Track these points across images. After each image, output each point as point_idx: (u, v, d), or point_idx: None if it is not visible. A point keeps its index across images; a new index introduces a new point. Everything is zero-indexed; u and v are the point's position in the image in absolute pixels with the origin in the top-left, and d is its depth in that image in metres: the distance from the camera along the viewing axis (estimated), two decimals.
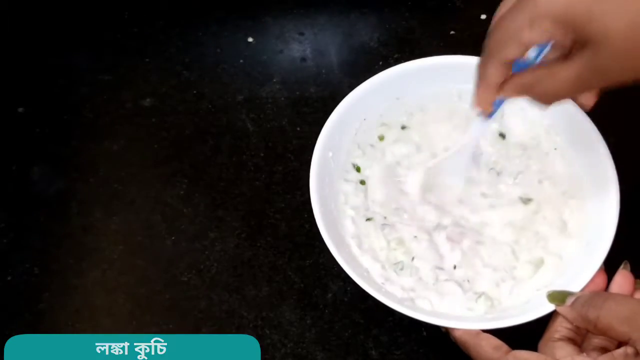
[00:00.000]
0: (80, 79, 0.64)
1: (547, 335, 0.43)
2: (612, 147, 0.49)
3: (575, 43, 0.38)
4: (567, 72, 0.38)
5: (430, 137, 0.55)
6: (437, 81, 0.54)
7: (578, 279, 0.45)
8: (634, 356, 0.38)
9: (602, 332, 0.40)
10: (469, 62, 0.53)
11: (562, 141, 0.53)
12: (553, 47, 0.42)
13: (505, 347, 0.42)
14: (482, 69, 0.42)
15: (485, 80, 0.42)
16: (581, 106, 0.48)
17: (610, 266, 0.45)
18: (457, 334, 0.44)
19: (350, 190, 0.53)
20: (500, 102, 0.45)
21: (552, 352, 0.42)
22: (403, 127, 0.55)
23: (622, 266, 0.45)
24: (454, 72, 0.53)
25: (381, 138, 0.55)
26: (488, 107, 0.45)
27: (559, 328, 0.43)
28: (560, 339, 0.42)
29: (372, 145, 0.55)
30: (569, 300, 0.43)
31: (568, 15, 0.36)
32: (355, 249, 0.50)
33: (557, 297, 0.43)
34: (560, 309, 0.43)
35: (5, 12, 0.68)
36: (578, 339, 0.43)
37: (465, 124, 0.54)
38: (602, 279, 0.45)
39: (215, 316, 0.53)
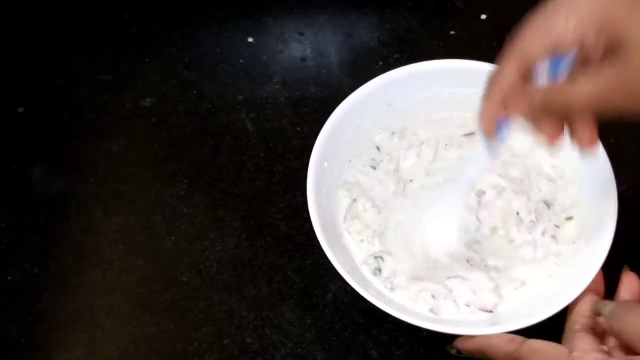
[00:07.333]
0: (80, 79, 0.64)
1: (568, 326, 0.43)
2: (612, 147, 0.49)
3: (604, 53, 0.34)
4: (588, 85, 0.33)
5: (423, 144, 0.55)
6: (430, 86, 0.54)
7: (578, 280, 0.45)
8: None
9: (626, 344, 0.40)
10: (461, 66, 0.53)
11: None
12: (574, 61, 0.37)
13: (518, 338, 0.42)
14: (495, 70, 0.38)
15: (496, 83, 0.38)
16: (580, 146, 0.39)
17: (610, 266, 0.45)
18: (470, 346, 0.44)
19: (348, 202, 0.53)
20: (505, 126, 0.39)
21: (573, 344, 0.42)
22: (394, 134, 0.55)
23: (624, 268, 0.45)
24: (446, 76, 0.53)
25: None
26: (491, 125, 0.39)
27: (577, 319, 0.43)
28: (580, 330, 0.42)
29: (366, 156, 0.55)
30: (605, 311, 0.42)
31: (607, 14, 0.33)
32: (356, 258, 0.51)
33: (599, 308, 0.43)
34: (601, 321, 0.43)
35: (5, 12, 0.68)
36: (599, 328, 0.43)
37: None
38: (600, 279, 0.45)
39: (215, 316, 0.53)
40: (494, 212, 0.51)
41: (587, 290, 0.44)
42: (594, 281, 0.45)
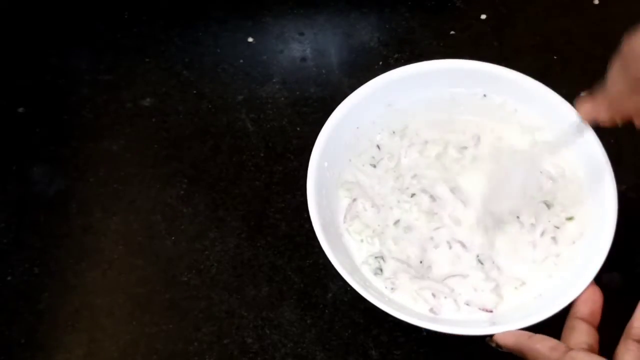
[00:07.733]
0: (80, 79, 0.64)
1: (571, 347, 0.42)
2: (612, 147, 0.49)
3: None
4: None
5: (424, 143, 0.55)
6: (430, 86, 0.54)
7: (578, 280, 0.45)
8: None
9: None
10: (461, 66, 0.53)
11: (558, 144, 0.53)
12: None
13: (562, 346, 0.41)
14: (619, 93, 0.42)
15: (619, 103, 0.42)
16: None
17: (610, 267, 0.45)
18: (509, 342, 0.43)
19: (348, 202, 0.53)
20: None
21: None
22: (395, 133, 0.55)
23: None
24: (446, 76, 0.53)
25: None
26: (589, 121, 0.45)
27: (577, 342, 0.42)
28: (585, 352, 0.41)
29: (366, 154, 0.55)
30: None
31: None
32: (356, 258, 0.50)
33: None
34: None
35: (5, 12, 0.68)
36: (596, 351, 0.42)
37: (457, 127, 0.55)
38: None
39: (215, 316, 0.53)
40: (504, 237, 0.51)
41: (580, 320, 0.43)
42: (591, 300, 0.44)
